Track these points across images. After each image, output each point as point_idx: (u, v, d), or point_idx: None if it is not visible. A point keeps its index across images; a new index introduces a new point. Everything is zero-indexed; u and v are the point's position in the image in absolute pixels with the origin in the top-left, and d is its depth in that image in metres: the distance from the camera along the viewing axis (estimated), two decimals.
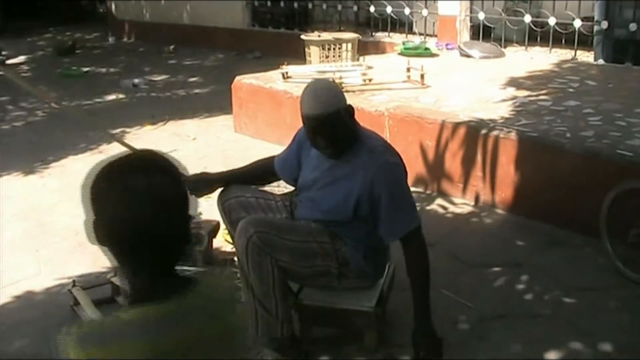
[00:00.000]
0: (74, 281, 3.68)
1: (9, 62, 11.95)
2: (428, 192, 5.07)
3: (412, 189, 5.01)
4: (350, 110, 2.96)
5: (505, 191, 4.58)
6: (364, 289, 3.10)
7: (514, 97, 5.49)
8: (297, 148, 3.22)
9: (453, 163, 4.87)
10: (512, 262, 3.90)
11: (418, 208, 4.66)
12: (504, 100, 5.39)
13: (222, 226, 4.17)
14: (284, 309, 2.97)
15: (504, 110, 5.08)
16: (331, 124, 2.86)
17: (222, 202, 3.25)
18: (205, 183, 3.26)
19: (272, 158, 3.37)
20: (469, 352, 3.07)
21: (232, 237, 3.31)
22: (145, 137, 6.97)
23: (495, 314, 3.37)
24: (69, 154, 6.58)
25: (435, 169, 5.00)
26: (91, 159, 6.42)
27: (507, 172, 4.53)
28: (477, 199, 4.77)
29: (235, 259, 3.82)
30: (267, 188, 3.46)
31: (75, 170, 6.07)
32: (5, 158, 6.45)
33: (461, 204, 4.82)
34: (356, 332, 3.10)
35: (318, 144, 2.94)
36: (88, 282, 3.82)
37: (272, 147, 6.13)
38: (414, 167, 5.12)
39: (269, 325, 2.97)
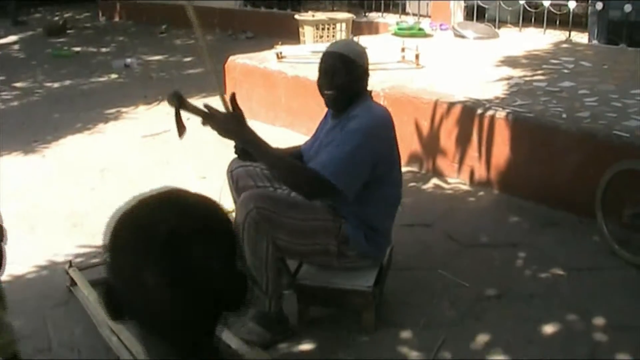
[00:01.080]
0: (70, 262, 3.67)
1: None
2: (423, 172, 5.07)
3: (407, 168, 5.10)
4: (366, 75, 3.02)
5: (500, 171, 4.58)
6: (362, 268, 3.10)
7: (509, 78, 5.48)
8: (318, 131, 3.23)
9: (448, 143, 4.87)
10: (507, 242, 3.91)
11: (414, 188, 4.76)
12: (498, 81, 5.38)
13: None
14: (274, 286, 2.98)
15: (499, 91, 5.07)
16: (347, 69, 2.94)
17: (230, 170, 3.27)
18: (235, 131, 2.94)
19: (300, 145, 3.37)
20: (466, 331, 3.09)
21: (234, 200, 3.29)
22: (141, 118, 6.96)
23: (492, 294, 3.38)
24: (64, 134, 6.55)
25: (431, 149, 5.00)
26: (87, 139, 6.42)
27: (502, 152, 4.53)
28: (472, 179, 4.77)
29: None
30: None
31: (71, 151, 6.06)
32: (1, 138, 6.41)
33: (456, 184, 4.82)
34: (354, 312, 3.11)
35: (324, 85, 3.00)
36: (84, 263, 3.82)
37: (266, 128, 6.13)
38: (409, 147, 5.13)
39: (257, 299, 2.99)
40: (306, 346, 3.06)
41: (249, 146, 2.94)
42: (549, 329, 3.09)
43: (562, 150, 4.20)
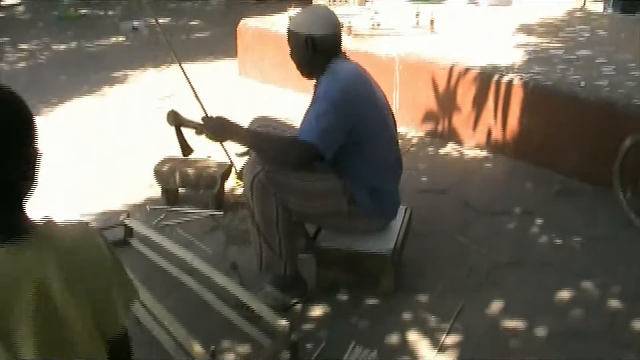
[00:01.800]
0: (87, 223, 3.65)
1: (3, 3, 11.74)
2: (439, 138, 5.05)
3: (421, 134, 5.07)
4: (316, 41, 2.90)
5: (516, 139, 4.56)
6: (380, 232, 3.10)
7: (525, 45, 5.43)
8: None
9: (464, 110, 4.84)
10: (523, 210, 3.90)
11: (429, 154, 4.75)
12: (514, 48, 5.33)
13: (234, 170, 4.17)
14: (288, 248, 2.98)
15: (515, 58, 5.03)
16: (294, 43, 2.96)
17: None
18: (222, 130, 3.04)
19: None
20: (484, 297, 3.09)
21: None
22: (149, 81, 6.91)
23: (509, 261, 3.38)
24: (71, 96, 6.51)
25: (447, 115, 4.97)
26: (94, 100, 6.38)
27: (519, 119, 4.50)
28: (488, 146, 4.75)
29: None
30: None
31: (79, 113, 6.03)
32: None
33: (472, 151, 4.81)
34: (372, 276, 3.11)
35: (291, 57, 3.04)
36: (101, 224, 3.82)
37: (277, 91, 6.10)
38: (425, 113, 5.11)
39: (272, 262, 3.00)
40: (323, 309, 3.06)
41: (238, 137, 3.01)
42: (565, 296, 3.09)
43: (580, 118, 4.16)
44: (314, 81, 3.01)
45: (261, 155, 2.88)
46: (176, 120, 3.19)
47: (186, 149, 3.27)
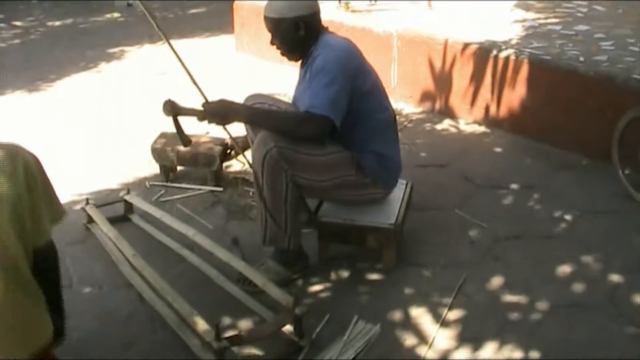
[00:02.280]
0: (87, 199, 3.66)
1: None
2: (437, 113, 5.06)
3: (420, 109, 5.07)
4: (304, 21, 2.93)
5: (515, 114, 4.56)
6: (383, 205, 3.11)
7: (523, 20, 5.41)
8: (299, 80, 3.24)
9: (463, 84, 4.84)
10: (523, 184, 3.91)
11: (427, 129, 4.75)
12: (512, 23, 5.32)
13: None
14: (293, 224, 2.99)
15: (513, 33, 5.02)
16: (278, 29, 2.95)
17: None
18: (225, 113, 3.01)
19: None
20: (486, 271, 3.10)
21: (251, 142, 3.30)
22: (145, 57, 6.88)
23: (510, 235, 3.39)
24: (68, 72, 6.48)
25: (445, 90, 4.97)
26: (90, 77, 6.35)
27: (518, 94, 4.50)
28: (487, 121, 4.76)
29: (247, 177, 3.83)
30: None
31: (76, 89, 6.00)
32: (4, 76, 6.34)
33: (471, 126, 4.81)
34: (374, 250, 3.12)
35: (273, 44, 3.04)
36: (100, 200, 3.81)
37: (274, 66, 6.07)
38: (423, 88, 5.10)
39: (276, 237, 3.01)
40: (326, 283, 3.07)
41: (245, 118, 3.05)
42: (566, 269, 3.11)
43: (579, 93, 4.16)
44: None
45: (271, 132, 2.87)
46: (173, 110, 3.09)
47: (185, 139, 3.21)
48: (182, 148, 3.89)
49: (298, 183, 2.91)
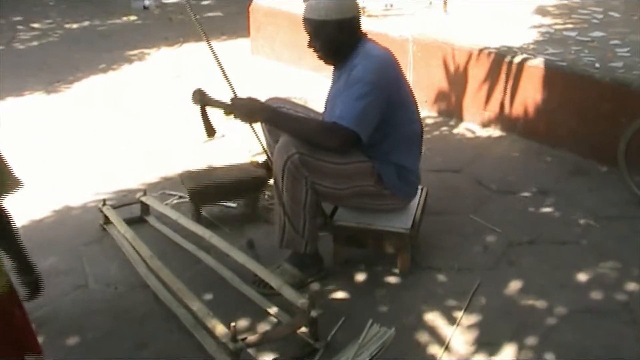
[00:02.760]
0: (104, 200, 3.69)
1: None
2: (452, 118, 5.06)
3: (434, 114, 5.08)
4: (347, 24, 2.93)
5: (530, 119, 4.56)
6: (398, 211, 3.12)
7: (539, 26, 5.42)
8: (331, 86, 3.23)
9: (478, 89, 4.84)
10: (537, 190, 3.91)
11: (442, 134, 4.76)
12: (528, 29, 5.32)
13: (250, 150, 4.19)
14: (310, 229, 3.01)
15: (529, 39, 5.02)
16: (319, 31, 2.92)
17: None
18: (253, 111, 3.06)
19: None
20: (500, 276, 3.11)
21: (268, 145, 3.38)
22: (162, 60, 6.92)
23: (524, 240, 3.39)
24: (86, 74, 6.53)
25: (460, 95, 4.98)
26: (108, 79, 6.40)
27: (533, 100, 4.50)
28: (501, 125, 4.76)
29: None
30: None
31: (93, 91, 6.05)
32: (22, 78, 6.40)
33: (485, 131, 4.82)
34: (389, 254, 3.13)
35: (311, 47, 3.01)
36: (117, 202, 3.85)
37: (290, 70, 6.10)
38: (438, 93, 5.11)
39: (293, 240, 3.03)
40: (341, 286, 3.08)
41: (272, 119, 3.05)
42: (581, 275, 3.10)
43: (595, 99, 4.16)
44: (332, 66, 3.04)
45: (294, 137, 2.88)
46: (202, 99, 3.14)
47: (210, 130, 3.23)
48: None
49: (317, 190, 2.93)
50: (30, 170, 4.50)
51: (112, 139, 4.93)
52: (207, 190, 3.56)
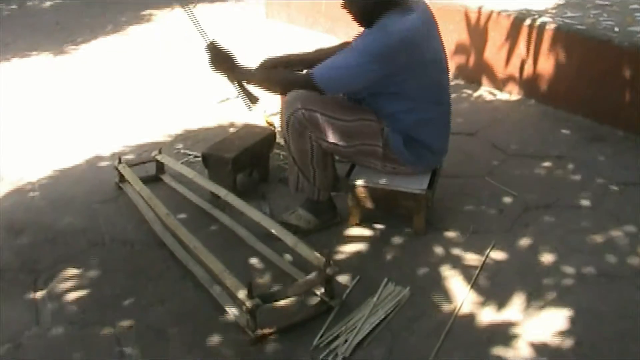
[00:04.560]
0: (119, 158, 3.70)
1: None
2: (468, 82, 5.03)
3: (451, 78, 5.04)
4: None
5: (547, 84, 4.52)
6: (410, 174, 3.11)
7: None
8: None
9: (495, 54, 4.80)
10: (553, 154, 3.89)
11: (458, 97, 4.74)
12: None
13: (265, 110, 4.18)
14: (322, 179, 3.08)
15: (547, 2, 4.96)
16: None
17: None
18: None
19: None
20: (515, 236, 3.10)
21: None
22: (175, 21, 6.88)
23: (540, 204, 3.38)
24: (97, 35, 6.52)
25: (477, 60, 4.94)
26: (119, 40, 6.38)
27: (550, 64, 4.46)
28: (518, 90, 4.73)
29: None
30: None
31: (106, 51, 6.04)
32: (33, 37, 6.40)
33: (502, 95, 4.79)
34: (405, 215, 3.13)
35: (345, 8, 2.95)
36: (132, 160, 3.86)
37: (305, 32, 6.06)
38: (455, 57, 5.07)
39: (306, 187, 3.12)
40: (356, 246, 3.09)
41: (240, 76, 3.08)
42: (596, 239, 3.09)
43: (613, 64, 4.11)
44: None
45: (269, 85, 2.99)
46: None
47: (252, 98, 3.17)
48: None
49: (321, 145, 2.96)
50: (44, 130, 4.53)
51: (125, 98, 4.94)
52: (244, 155, 3.48)
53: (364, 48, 2.80)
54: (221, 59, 3.07)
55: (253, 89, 3.12)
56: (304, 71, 3.07)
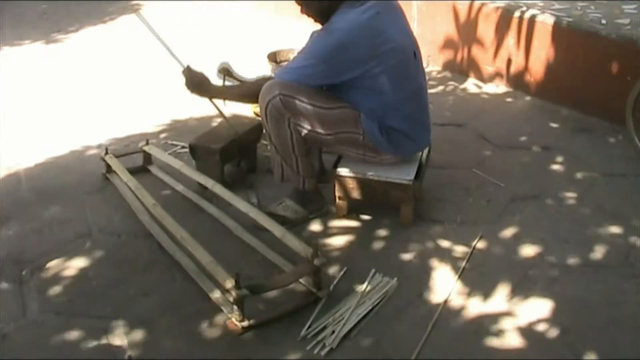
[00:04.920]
0: (106, 149, 3.68)
1: None
2: (456, 73, 5.04)
3: (440, 69, 5.05)
4: None
5: (534, 76, 4.54)
6: (401, 162, 3.10)
7: None
8: None
9: (483, 45, 4.81)
10: (541, 146, 3.90)
11: (446, 88, 4.74)
12: None
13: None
14: (305, 166, 3.09)
15: None
16: None
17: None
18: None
19: None
20: (502, 227, 3.11)
21: None
22: (161, 10, 6.85)
23: (527, 194, 3.39)
24: (85, 25, 6.49)
25: (465, 51, 4.95)
26: (108, 29, 6.35)
27: (538, 56, 4.47)
28: (506, 82, 4.74)
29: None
30: None
31: (92, 42, 6.00)
32: (20, 28, 6.36)
33: (490, 87, 4.80)
34: (392, 205, 3.13)
35: (303, 12, 3.05)
36: (119, 150, 3.84)
37: (292, 23, 6.04)
38: (443, 49, 5.08)
39: (291, 177, 3.13)
40: (343, 237, 3.09)
41: (215, 95, 3.26)
42: (583, 230, 3.11)
43: (600, 56, 4.13)
44: None
45: (245, 100, 3.27)
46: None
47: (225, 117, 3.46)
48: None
49: (300, 132, 2.97)
50: (30, 120, 4.50)
51: (113, 89, 4.91)
52: (232, 146, 3.47)
53: (309, 49, 2.93)
54: (196, 82, 3.19)
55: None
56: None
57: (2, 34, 6.16)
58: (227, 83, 3.41)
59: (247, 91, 3.19)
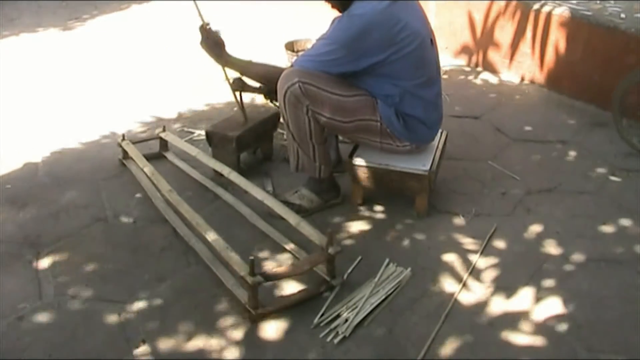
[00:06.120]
0: (123, 135, 3.70)
1: None
2: (473, 66, 5.02)
3: (456, 61, 5.04)
4: None
5: (552, 69, 4.52)
6: (417, 153, 3.11)
7: None
8: None
9: (500, 38, 4.79)
10: (556, 139, 3.89)
11: (463, 81, 4.73)
12: None
13: None
14: (321, 154, 3.08)
15: None
16: None
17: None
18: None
19: None
20: (517, 221, 3.11)
21: None
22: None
23: (542, 188, 3.39)
24: (101, 12, 6.50)
25: (482, 44, 4.93)
26: (123, 16, 6.37)
27: (556, 49, 4.45)
28: (523, 75, 4.73)
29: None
30: None
31: (110, 29, 6.02)
32: (38, 14, 6.38)
33: (507, 80, 4.79)
34: (408, 196, 3.13)
35: None
36: (136, 137, 3.86)
37: (308, 11, 6.03)
38: (460, 41, 5.07)
39: (307, 165, 3.11)
40: (358, 226, 3.10)
41: (225, 63, 3.19)
42: (598, 224, 3.10)
43: (619, 50, 4.10)
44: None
45: (260, 78, 3.13)
46: (242, 87, 3.29)
47: (244, 115, 3.45)
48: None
49: (318, 120, 2.96)
50: (48, 106, 4.53)
51: (130, 76, 4.93)
52: (248, 134, 3.48)
53: (330, 36, 2.90)
54: (211, 44, 3.15)
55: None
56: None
57: (21, 21, 6.18)
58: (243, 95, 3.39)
59: (267, 74, 3.11)
